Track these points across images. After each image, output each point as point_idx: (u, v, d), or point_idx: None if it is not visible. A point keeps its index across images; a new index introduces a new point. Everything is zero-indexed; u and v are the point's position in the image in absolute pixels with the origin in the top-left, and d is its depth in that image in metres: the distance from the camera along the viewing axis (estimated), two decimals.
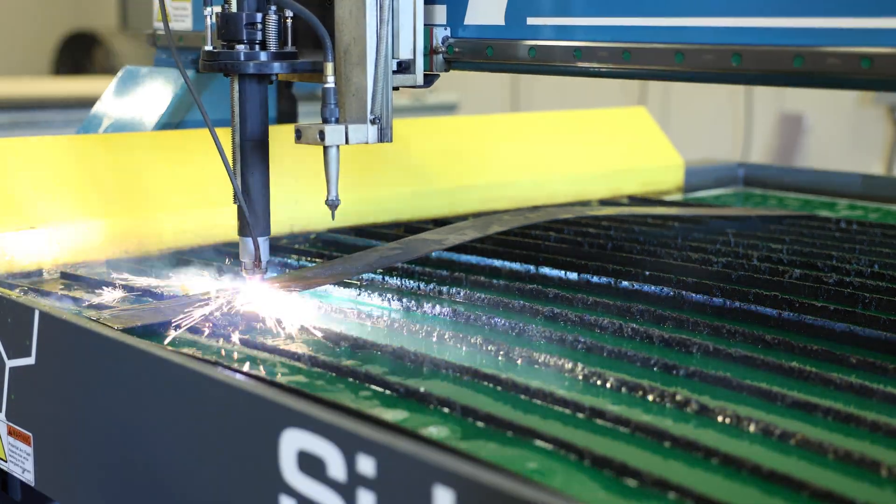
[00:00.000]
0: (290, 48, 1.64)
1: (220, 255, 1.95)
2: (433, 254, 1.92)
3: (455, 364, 1.36)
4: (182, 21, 2.27)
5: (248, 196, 1.65)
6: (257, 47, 1.61)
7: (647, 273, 1.80)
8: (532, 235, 2.14)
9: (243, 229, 1.66)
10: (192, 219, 2.02)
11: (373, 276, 1.80)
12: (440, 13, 1.73)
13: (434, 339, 1.49)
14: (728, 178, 3.04)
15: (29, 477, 1.49)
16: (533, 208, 2.48)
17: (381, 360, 1.41)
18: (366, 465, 1.03)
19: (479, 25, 1.71)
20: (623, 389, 1.30)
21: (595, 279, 1.80)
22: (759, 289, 1.69)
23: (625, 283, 1.76)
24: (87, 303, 1.65)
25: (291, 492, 1.11)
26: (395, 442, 1.01)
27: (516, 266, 1.87)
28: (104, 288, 1.72)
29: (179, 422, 1.25)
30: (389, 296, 1.68)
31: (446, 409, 1.24)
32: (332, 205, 1.63)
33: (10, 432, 1.52)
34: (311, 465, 1.09)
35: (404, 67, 1.69)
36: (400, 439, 1.02)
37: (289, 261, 1.91)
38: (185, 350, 1.43)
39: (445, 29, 1.73)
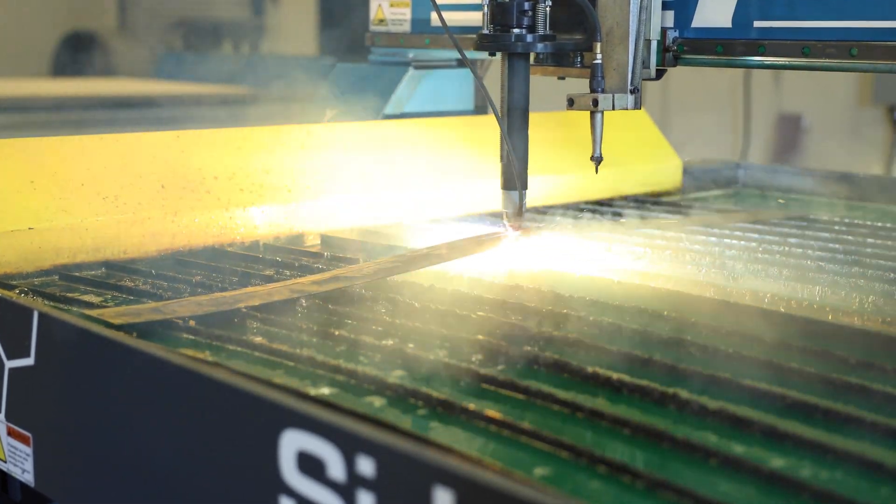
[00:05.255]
0: (548, 32, 1.93)
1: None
2: None
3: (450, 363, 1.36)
4: (401, 25, 2.61)
5: (514, 154, 1.95)
6: (524, 31, 1.90)
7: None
8: None
9: (508, 183, 1.98)
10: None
11: None
12: (668, 17, 2.04)
13: None
14: (726, 179, 3.03)
15: (28, 478, 1.49)
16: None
17: None
18: (365, 465, 1.03)
19: (705, 27, 2.03)
20: (623, 390, 1.30)
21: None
22: (756, 289, 1.69)
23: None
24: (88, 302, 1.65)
25: (291, 492, 1.11)
26: (395, 442, 1.01)
27: None
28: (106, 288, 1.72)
29: (179, 422, 1.25)
30: None
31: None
32: (597, 160, 2.01)
33: (10, 433, 1.51)
34: (310, 465, 1.08)
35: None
36: (399, 440, 1.02)
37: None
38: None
39: (674, 31, 2.03)
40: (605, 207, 2.52)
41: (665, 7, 2.03)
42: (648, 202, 2.65)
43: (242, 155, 2.14)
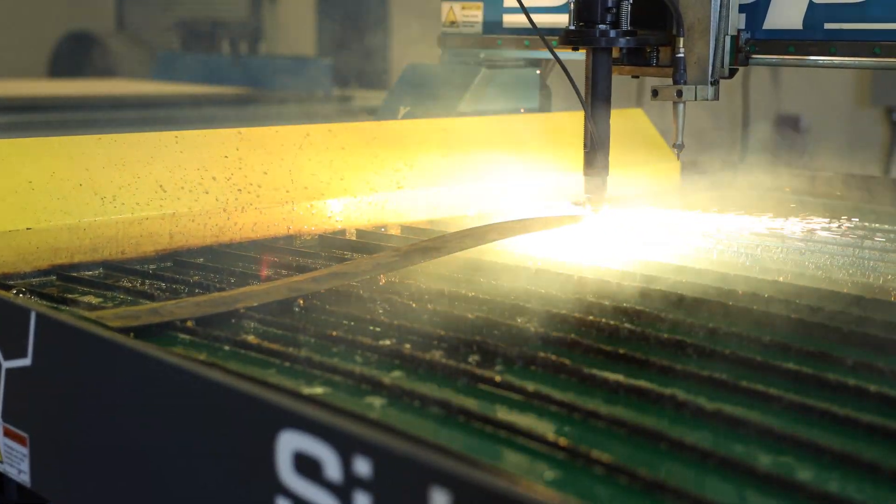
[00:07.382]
0: (629, 28, 2.04)
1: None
2: None
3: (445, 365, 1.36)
4: (472, 27, 2.74)
5: (598, 141, 2.05)
6: (608, 27, 2.01)
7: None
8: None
9: (591, 169, 2.09)
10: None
11: None
12: (741, 19, 2.18)
13: None
14: (724, 180, 3.02)
15: (25, 478, 1.49)
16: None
17: None
18: (362, 466, 1.03)
19: (777, 29, 2.18)
20: (620, 391, 1.30)
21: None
22: (754, 290, 1.69)
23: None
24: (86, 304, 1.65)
25: (288, 493, 1.11)
26: (392, 443, 1.01)
27: None
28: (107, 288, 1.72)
29: (176, 423, 1.25)
30: None
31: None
32: (679, 148, 2.14)
33: (7, 433, 1.51)
34: (307, 466, 1.08)
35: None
36: (396, 440, 1.02)
37: None
38: None
39: (746, 32, 2.18)
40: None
41: (737, 9, 2.15)
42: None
43: (240, 155, 2.14)
